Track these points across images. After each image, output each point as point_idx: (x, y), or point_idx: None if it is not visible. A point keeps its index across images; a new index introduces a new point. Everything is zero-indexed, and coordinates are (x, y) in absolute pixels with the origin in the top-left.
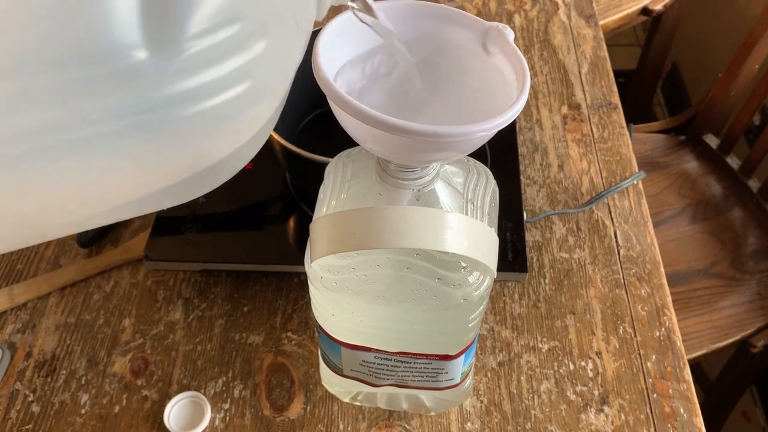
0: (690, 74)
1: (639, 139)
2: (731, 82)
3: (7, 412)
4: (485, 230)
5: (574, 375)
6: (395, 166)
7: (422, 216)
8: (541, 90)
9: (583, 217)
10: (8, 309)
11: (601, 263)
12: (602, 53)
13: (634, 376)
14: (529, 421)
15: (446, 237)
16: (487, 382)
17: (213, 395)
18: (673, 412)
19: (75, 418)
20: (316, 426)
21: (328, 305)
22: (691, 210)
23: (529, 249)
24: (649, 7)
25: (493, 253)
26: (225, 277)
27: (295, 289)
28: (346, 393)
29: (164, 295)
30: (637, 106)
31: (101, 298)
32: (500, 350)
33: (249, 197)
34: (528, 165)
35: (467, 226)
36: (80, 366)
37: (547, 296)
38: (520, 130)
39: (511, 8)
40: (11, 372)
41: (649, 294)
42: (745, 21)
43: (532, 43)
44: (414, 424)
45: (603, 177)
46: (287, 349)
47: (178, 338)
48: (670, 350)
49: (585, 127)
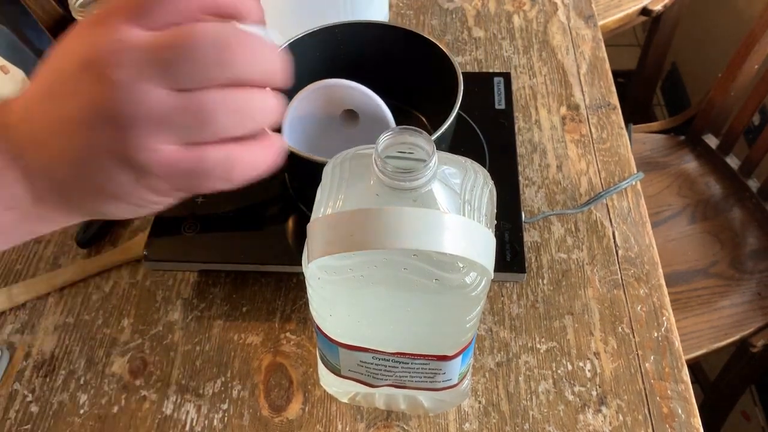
0: (690, 74)
1: (639, 140)
2: (731, 82)
3: (5, 413)
4: (482, 231)
5: (573, 375)
6: (393, 168)
7: (420, 217)
8: (540, 91)
9: (582, 217)
10: (7, 309)
11: (600, 264)
12: (601, 54)
13: (632, 377)
14: (527, 421)
15: (444, 238)
16: (485, 383)
17: (211, 395)
18: (671, 412)
19: (74, 419)
20: (314, 426)
21: (325, 306)
22: (690, 210)
23: (528, 249)
24: (649, 7)
25: (490, 253)
26: (224, 277)
27: (293, 289)
28: (344, 393)
29: (163, 295)
30: (636, 107)
31: (100, 298)
32: (498, 351)
33: (248, 198)
34: (527, 165)
35: (464, 226)
36: (79, 366)
37: (545, 297)
38: (519, 131)
39: (510, 9)
40: (10, 372)
41: (647, 294)
42: (745, 21)
43: (531, 43)
44: (412, 425)
45: (601, 177)
46: (286, 349)
47: (177, 338)
48: (668, 351)
49: (584, 128)
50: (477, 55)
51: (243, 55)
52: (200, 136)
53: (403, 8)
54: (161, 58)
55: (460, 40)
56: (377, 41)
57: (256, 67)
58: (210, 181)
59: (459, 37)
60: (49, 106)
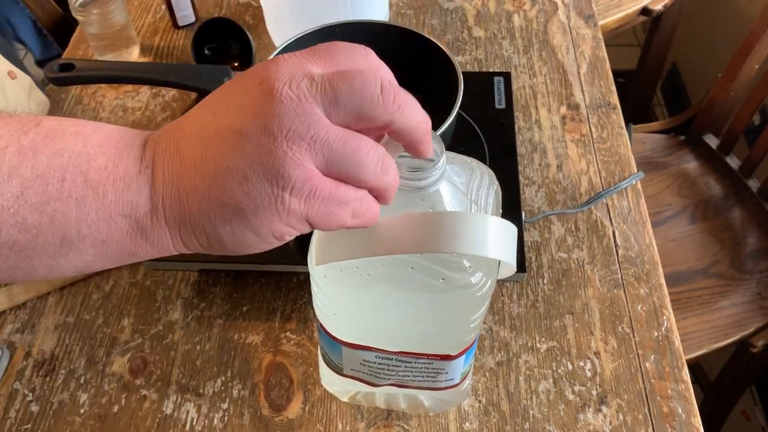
0: (690, 74)
1: (639, 139)
2: (731, 82)
3: (6, 412)
4: (499, 225)
5: (573, 375)
6: (401, 167)
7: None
8: (540, 90)
9: (582, 217)
10: (7, 309)
11: (600, 263)
12: (601, 53)
13: (632, 376)
14: (527, 421)
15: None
16: (485, 382)
17: (211, 395)
18: (671, 412)
19: (74, 418)
20: (314, 426)
21: (330, 304)
22: (690, 210)
23: (528, 249)
24: (649, 7)
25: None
26: (224, 277)
27: (294, 288)
28: (344, 393)
29: (163, 294)
30: (636, 106)
31: (100, 297)
32: (499, 350)
33: None
34: (527, 165)
35: (475, 225)
36: (79, 366)
37: (545, 296)
38: (519, 131)
39: (510, 8)
40: (10, 371)
41: (647, 294)
42: (745, 21)
43: (531, 43)
44: (412, 424)
45: (602, 177)
46: (286, 348)
47: (177, 338)
48: (668, 350)
49: (584, 128)
50: (477, 55)
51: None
52: (347, 170)
53: (403, 8)
54: (334, 88)
55: (460, 39)
56: (377, 41)
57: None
58: (343, 214)
59: (459, 37)
60: (207, 115)
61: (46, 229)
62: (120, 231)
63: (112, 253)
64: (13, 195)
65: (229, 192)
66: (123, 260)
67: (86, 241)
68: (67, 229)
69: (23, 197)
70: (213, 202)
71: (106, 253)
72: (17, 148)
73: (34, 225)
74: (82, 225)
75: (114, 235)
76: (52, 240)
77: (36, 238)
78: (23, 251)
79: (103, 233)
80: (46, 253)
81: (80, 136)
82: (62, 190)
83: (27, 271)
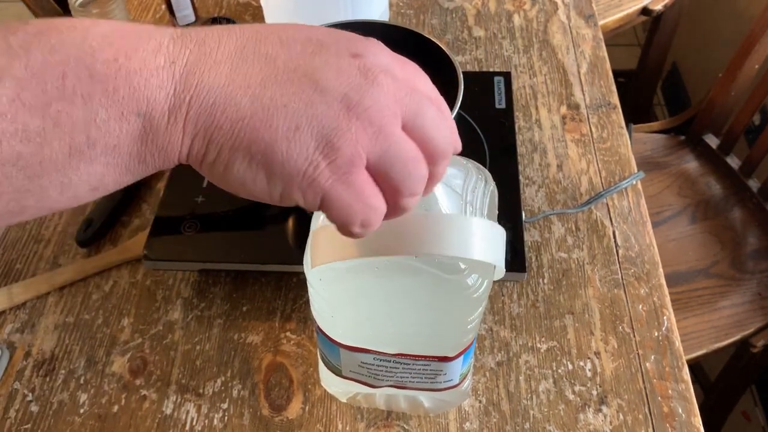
0: (690, 74)
1: (639, 139)
2: (731, 82)
3: (5, 412)
4: (488, 228)
5: (573, 375)
6: None
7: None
8: (540, 90)
9: (582, 217)
10: (7, 308)
11: (600, 263)
12: (601, 53)
13: (632, 376)
14: (527, 421)
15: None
16: (485, 382)
17: (211, 395)
18: (671, 412)
19: (74, 418)
20: (314, 426)
21: (327, 307)
22: (691, 210)
23: (528, 249)
24: (649, 7)
25: (496, 250)
26: (224, 276)
27: (294, 288)
28: (344, 393)
29: (163, 294)
30: (637, 106)
31: (100, 297)
32: (499, 350)
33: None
34: (527, 165)
35: (470, 227)
36: (79, 366)
37: (545, 296)
38: (519, 130)
39: (511, 8)
40: (10, 371)
41: (647, 294)
42: (745, 21)
43: (532, 43)
44: (412, 424)
45: (602, 177)
46: (286, 348)
47: (177, 338)
48: (668, 350)
49: (584, 127)
50: (477, 55)
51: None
52: (393, 172)
53: (403, 7)
54: (419, 105)
55: (461, 39)
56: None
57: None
58: (356, 216)
59: (459, 37)
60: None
61: (51, 135)
62: (132, 133)
63: (123, 161)
64: (8, 99)
65: (272, 130)
66: (134, 170)
67: (97, 147)
68: (75, 134)
69: (19, 100)
70: (249, 129)
71: (118, 161)
72: (5, 48)
73: (37, 132)
74: (91, 127)
75: (125, 137)
76: (59, 149)
77: (41, 149)
78: (29, 167)
79: (114, 136)
80: (55, 168)
81: (77, 30)
82: (64, 89)
83: (38, 195)
